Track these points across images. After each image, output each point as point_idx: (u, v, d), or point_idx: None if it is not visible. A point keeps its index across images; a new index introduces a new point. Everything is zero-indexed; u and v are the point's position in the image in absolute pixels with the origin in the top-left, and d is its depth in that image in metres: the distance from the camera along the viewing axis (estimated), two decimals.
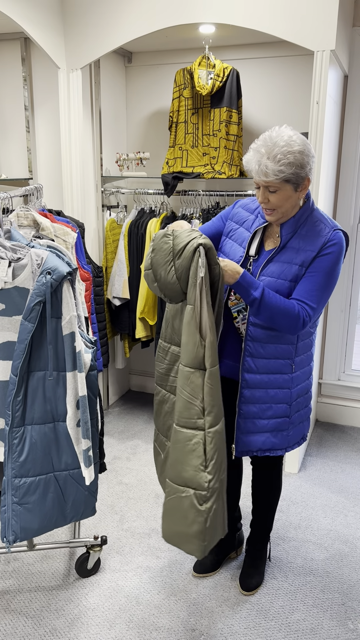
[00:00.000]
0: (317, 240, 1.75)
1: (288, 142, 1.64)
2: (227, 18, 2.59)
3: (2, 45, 3.20)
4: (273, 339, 1.83)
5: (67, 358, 1.74)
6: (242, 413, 1.89)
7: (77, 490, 1.93)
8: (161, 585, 2.17)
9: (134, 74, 3.55)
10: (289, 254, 1.78)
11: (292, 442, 1.99)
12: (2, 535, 1.88)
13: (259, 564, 2.21)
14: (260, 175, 1.67)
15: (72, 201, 3.10)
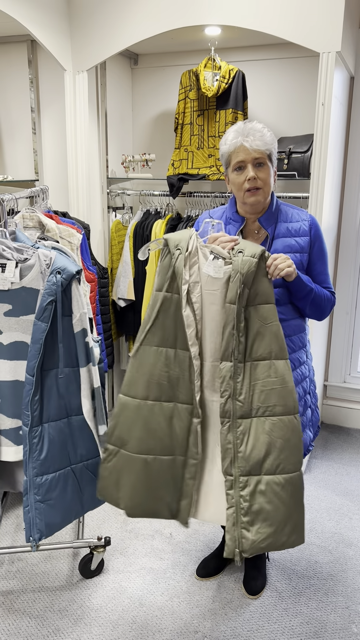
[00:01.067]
0: (303, 225, 1.84)
1: (262, 127, 1.78)
2: (233, 20, 2.59)
3: (9, 47, 3.22)
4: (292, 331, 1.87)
5: (80, 354, 1.77)
6: None
7: (92, 480, 1.98)
8: (164, 587, 2.17)
9: (139, 75, 3.55)
10: (284, 244, 1.84)
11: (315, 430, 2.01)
12: (27, 536, 1.89)
13: (260, 566, 2.21)
14: (253, 145, 1.73)
15: (77, 203, 3.11)
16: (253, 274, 1.64)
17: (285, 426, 1.67)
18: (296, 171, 2.91)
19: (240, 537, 1.68)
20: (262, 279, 1.66)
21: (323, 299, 1.84)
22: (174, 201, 3.36)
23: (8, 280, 1.75)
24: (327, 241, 2.87)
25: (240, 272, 1.62)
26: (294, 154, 2.92)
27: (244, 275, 1.62)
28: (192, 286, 1.68)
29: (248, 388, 1.67)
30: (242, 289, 1.63)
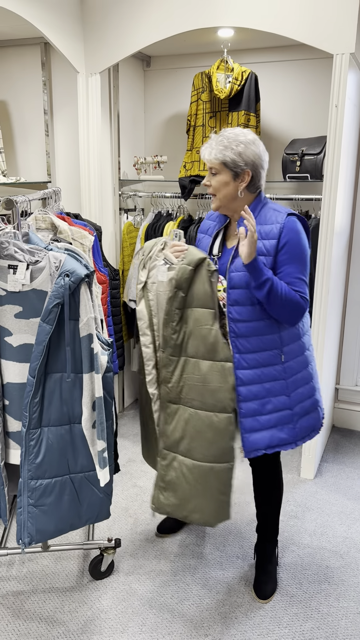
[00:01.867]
0: (274, 227, 1.84)
1: (236, 134, 1.83)
2: (246, 22, 2.59)
3: (22, 50, 3.24)
4: (256, 332, 1.86)
5: (84, 360, 1.75)
6: (243, 412, 1.90)
7: (92, 493, 1.94)
8: (174, 590, 2.17)
9: (152, 77, 3.56)
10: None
11: (302, 434, 1.97)
12: (17, 537, 1.89)
13: (271, 570, 2.19)
14: (205, 155, 1.85)
15: (89, 204, 3.12)
16: (187, 281, 1.84)
17: (201, 420, 1.89)
18: (309, 173, 2.90)
19: (157, 497, 2.03)
20: (200, 286, 1.84)
21: (282, 296, 1.77)
22: (185, 203, 3.36)
23: (19, 282, 1.75)
24: (340, 243, 2.85)
25: (174, 278, 1.85)
26: (306, 155, 2.91)
27: (176, 280, 1.84)
28: (151, 286, 1.96)
29: (178, 379, 1.92)
30: (174, 292, 1.85)
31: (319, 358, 2.78)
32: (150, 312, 1.96)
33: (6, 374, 1.84)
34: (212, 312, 1.84)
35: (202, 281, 1.83)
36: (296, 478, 2.96)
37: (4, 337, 1.81)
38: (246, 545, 2.42)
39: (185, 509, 1.96)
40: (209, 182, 1.88)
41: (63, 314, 1.72)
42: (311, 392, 2.00)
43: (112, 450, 1.96)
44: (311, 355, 2.02)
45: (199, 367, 1.87)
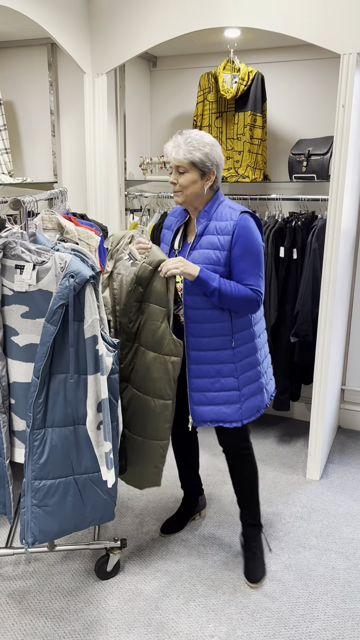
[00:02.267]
0: (229, 224, 1.98)
1: (201, 135, 1.97)
2: (253, 22, 2.58)
3: (29, 50, 3.25)
4: (209, 319, 2.02)
5: (89, 361, 1.75)
6: (193, 386, 2.09)
7: (96, 494, 1.94)
8: (180, 590, 2.17)
9: (158, 78, 3.56)
10: (208, 241, 2.00)
11: (247, 414, 2.13)
12: (21, 537, 1.89)
13: (259, 555, 2.28)
14: (172, 154, 1.96)
15: (95, 205, 3.12)
16: (147, 279, 1.99)
17: (140, 401, 2.10)
18: (315, 173, 2.89)
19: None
20: (157, 285, 1.99)
21: (233, 294, 1.95)
22: None
23: (25, 282, 1.76)
24: (346, 243, 2.84)
25: (135, 274, 2.01)
26: (313, 156, 2.90)
27: (137, 276, 2.00)
28: (116, 276, 2.14)
29: (129, 361, 2.12)
30: (134, 287, 2.02)
31: (325, 359, 2.77)
32: (114, 300, 2.14)
33: (12, 374, 1.84)
34: (164, 310, 2.00)
35: (160, 281, 1.99)
36: (302, 479, 2.95)
37: (11, 337, 1.82)
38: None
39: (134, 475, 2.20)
40: (175, 180, 1.99)
41: (67, 315, 1.72)
42: (257, 376, 2.16)
43: (117, 451, 1.96)
44: (261, 342, 2.17)
45: (146, 356, 2.06)
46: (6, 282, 1.78)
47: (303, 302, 2.92)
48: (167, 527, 2.50)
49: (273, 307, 3.03)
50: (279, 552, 2.39)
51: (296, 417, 3.67)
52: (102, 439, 1.81)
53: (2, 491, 1.93)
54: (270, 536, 2.49)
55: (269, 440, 3.38)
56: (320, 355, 2.78)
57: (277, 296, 3.03)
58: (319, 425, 2.86)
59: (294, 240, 3.00)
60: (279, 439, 3.40)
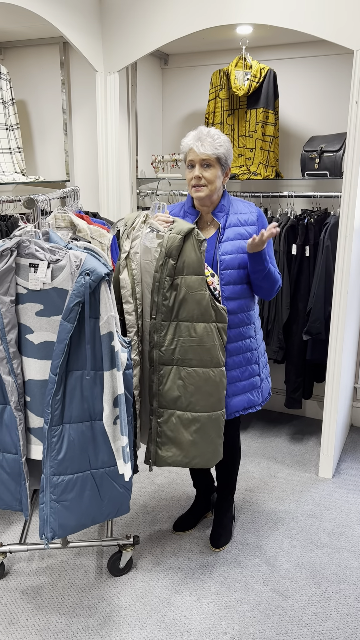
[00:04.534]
0: (251, 215, 2.12)
1: (219, 133, 2.03)
2: (265, 18, 2.57)
3: (41, 49, 3.26)
4: (243, 308, 2.12)
5: (105, 357, 1.77)
6: (228, 379, 2.14)
7: (113, 488, 1.96)
8: (193, 587, 2.17)
9: (170, 75, 3.56)
10: (235, 232, 2.08)
11: (264, 396, 2.28)
12: (40, 532, 1.91)
13: (227, 524, 2.45)
14: (200, 149, 1.98)
15: (107, 203, 3.13)
16: (178, 249, 1.94)
17: (199, 376, 2.04)
18: (328, 170, 2.88)
19: (154, 452, 2.15)
20: (191, 254, 1.95)
21: (274, 277, 2.09)
22: None
23: (40, 280, 1.77)
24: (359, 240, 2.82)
25: (164, 246, 1.94)
26: (325, 152, 2.88)
27: (166, 248, 1.94)
28: (133, 255, 2.05)
29: (170, 341, 2.04)
30: (165, 260, 1.95)
31: (337, 356, 2.76)
32: (133, 281, 2.07)
33: (27, 371, 1.86)
34: (203, 278, 1.98)
35: (193, 249, 1.95)
36: (314, 477, 2.94)
37: (25, 335, 1.83)
38: (264, 545, 2.42)
39: (187, 457, 2.12)
40: (201, 174, 2.01)
41: (83, 312, 1.73)
42: (266, 359, 2.35)
43: (132, 447, 1.97)
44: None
45: (195, 329, 2.01)
46: (20, 281, 1.79)
47: (315, 300, 2.91)
48: (179, 525, 2.51)
49: (285, 304, 3.02)
50: (291, 550, 2.39)
51: (308, 415, 3.65)
52: (118, 433, 1.83)
53: (18, 488, 1.95)
54: (283, 534, 2.49)
55: (281, 438, 3.37)
56: (333, 353, 2.76)
57: (289, 294, 3.02)
58: (332, 423, 2.85)
59: (306, 237, 2.98)
60: (291, 437, 3.39)
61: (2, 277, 1.75)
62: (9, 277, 1.77)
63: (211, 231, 2.13)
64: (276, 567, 2.28)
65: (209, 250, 2.10)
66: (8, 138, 3.07)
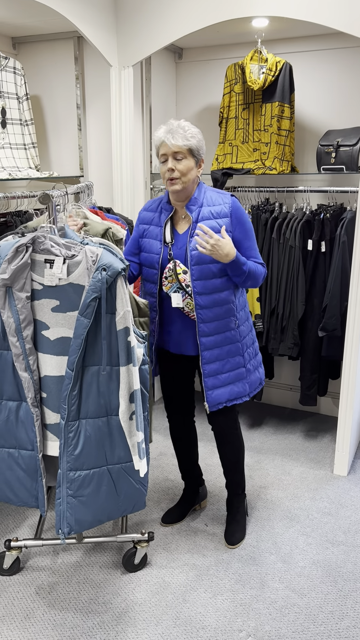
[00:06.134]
0: (224, 206, 2.07)
1: (189, 126, 2.02)
2: (281, 10, 2.54)
3: (56, 44, 3.25)
4: (217, 302, 2.10)
5: (121, 352, 1.76)
6: (206, 372, 2.16)
7: (129, 483, 1.96)
8: (208, 584, 2.17)
9: (184, 70, 3.54)
10: (207, 225, 2.03)
11: (252, 387, 2.27)
12: (57, 527, 1.92)
13: (240, 520, 2.44)
14: (171, 140, 1.97)
15: (121, 198, 3.12)
16: None
17: None
18: (344, 165, 2.84)
19: None
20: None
21: (256, 273, 2.09)
22: None
23: (56, 276, 1.77)
24: None
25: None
26: (342, 147, 2.85)
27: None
28: None
29: None
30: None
31: (353, 353, 2.73)
32: None
33: (43, 367, 1.86)
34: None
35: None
36: (329, 474, 2.92)
37: (41, 331, 1.83)
38: (280, 542, 2.40)
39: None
40: (174, 167, 2.00)
41: (100, 307, 1.73)
42: (256, 350, 2.32)
43: (148, 442, 1.97)
44: (250, 320, 2.30)
45: None
46: (36, 277, 1.79)
47: (331, 296, 2.88)
48: (168, 517, 2.53)
49: (300, 300, 3.00)
50: (306, 547, 2.37)
51: (323, 412, 3.63)
52: (134, 429, 1.83)
53: (34, 485, 1.95)
54: (298, 531, 2.47)
55: (295, 436, 3.35)
56: (349, 349, 2.73)
57: (304, 290, 3.00)
58: (347, 421, 2.82)
59: (322, 233, 2.95)
60: (306, 434, 3.37)
61: (18, 273, 1.75)
62: (24, 273, 1.76)
63: (185, 226, 2.13)
64: (292, 564, 2.27)
65: (181, 247, 2.09)
66: (22, 133, 3.07)
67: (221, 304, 2.11)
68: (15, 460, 1.94)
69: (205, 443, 3.24)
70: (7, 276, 1.73)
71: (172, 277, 2.09)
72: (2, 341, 1.84)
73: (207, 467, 2.99)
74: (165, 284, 2.12)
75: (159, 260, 2.12)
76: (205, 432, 3.37)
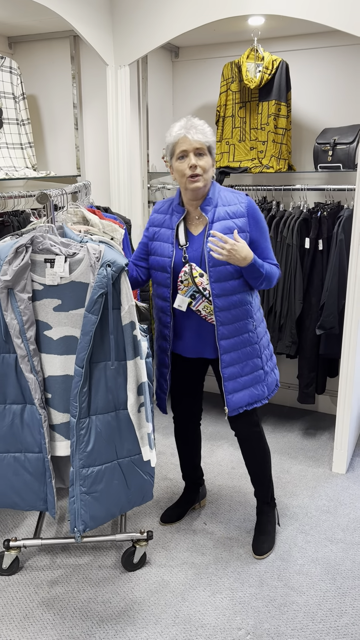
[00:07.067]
0: (240, 206, 2.03)
1: (203, 124, 1.98)
2: (278, 9, 2.54)
3: (52, 43, 3.25)
4: (236, 304, 2.06)
5: (128, 347, 1.78)
6: (226, 375, 2.12)
7: (138, 476, 1.99)
8: (207, 582, 2.17)
9: (181, 68, 3.53)
10: (223, 226, 2.00)
11: (270, 389, 2.23)
12: (72, 526, 1.92)
13: (270, 530, 2.37)
14: (194, 137, 1.92)
15: (119, 198, 3.12)
16: None
17: None
18: (341, 163, 2.85)
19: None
20: None
21: (271, 275, 2.06)
22: None
23: (57, 275, 1.77)
24: None
25: None
26: (338, 145, 2.85)
27: None
28: None
29: None
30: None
31: (351, 351, 2.74)
32: None
33: (47, 368, 1.86)
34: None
35: None
36: (328, 472, 2.93)
37: (44, 332, 1.83)
38: (278, 540, 2.41)
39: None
40: (196, 164, 1.94)
41: (106, 303, 1.74)
42: (272, 352, 2.30)
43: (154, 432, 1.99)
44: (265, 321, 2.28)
45: None
46: (36, 277, 1.79)
47: (329, 294, 2.88)
48: (167, 517, 2.52)
49: (298, 299, 3.00)
50: (305, 545, 2.38)
51: (321, 410, 3.63)
52: (143, 420, 1.85)
53: (42, 487, 1.95)
54: (296, 529, 2.48)
55: (294, 434, 3.36)
56: (347, 347, 2.74)
57: (302, 288, 3.00)
58: (345, 419, 2.83)
59: (319, 231, 2.96)
60: (304, 432, 3.37)
61: (19, 274, 1.75)
62: (25, 273, 1.76)
63: (200, 227, 2.07)
64: (290, 562, 2.28)
65: (196, 249, 2.04)
66: (19, 133, 3.07)
67: (239, 306, 2.07)
68: (22, 465, 1.93)
69: (204, 442, 3.24)
70: (9, 277, 1.73)
71: (188, 281, 2.03)
72: (3, 344, 1.83)
73: (206, 466, 2.99)
74: (181, 287, 2.05)
75: (171, 263, 2.05)
76: (205, 431, 3.37)
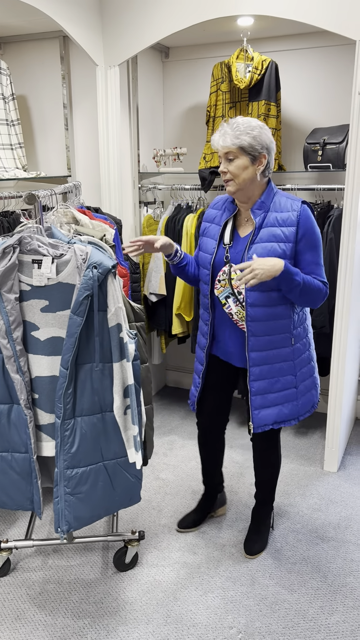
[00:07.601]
0: (292, 214, 1.92)
1: (248, 122, 1.89)
2: (267, 9, 2.55)
3: (41, 44, 3.24)
4: (272, 316, 1.96)
5: (114, 349, 1.77)
6: (254, 390, 2.03)
7: (125, 478, 1.98)
8: (198, 582, 2.17)
9: (171, 69, 3.54)
10: (270, 233, 1.92)
11: (303, 411, 2.11)
12: (55, 526, 1.92)
13: (263, 532, 2.37)
14: (220, 142, 1.88)
15: (109, 198, 3.12)
16: None
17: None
18: (331, 162, 2.86)
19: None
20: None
21: (312, 289, 1.91)
22: (205, 195, 3.34)
23: (45, 276, 1.77)
24: None
25: None
26: (328, 145, 2.86)
27: None
28: None
29: None
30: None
31: (341, 350, 2.75)
32: None
33: (34, 368, 1.86)
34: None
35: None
36: (319, 471, 2.94)
37: (31, 332, 1.83)
38: (270, 538, 2.41)
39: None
40: (225, 169, 1.91)
41: (92, 305, 1.74)
42: (312, 371, 2.15)
43: (142, 434, 1.98)
44: (312, 337, 2.15)
45: None
46: (23, 278, 1.78)
47: None
48: (184, 522, 2.49)
49: None
50: (296, 544, 2.39)
51: None
52: (129, 422, 1.84)
53: (29, 487, 1.95)
54: (288, 528, 2.49)
55: (286, 432, 3.37)
56: (337, 346, 2.75)
57: None
58: (336, 417, 2.84)
59: None
60: (296, 431, 3.39)
61: (6, 275, 1.75)
62: (12, 274, 1.76)
63: (248, 229, 2.00)
64: (282, 561, 2.28)
65: (239, 250, 1.98)
66: (9, 134, 3.06)
67: (276, 319, 1.96)
68: (9, 464, 1.93)
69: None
70: None
71: (225, 282, 1.97)
72: None
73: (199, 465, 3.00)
74: (217, 287, 2.00)
75: (211, 260, 2.00)
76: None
